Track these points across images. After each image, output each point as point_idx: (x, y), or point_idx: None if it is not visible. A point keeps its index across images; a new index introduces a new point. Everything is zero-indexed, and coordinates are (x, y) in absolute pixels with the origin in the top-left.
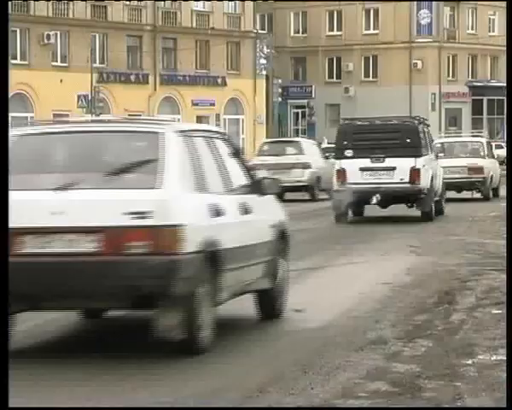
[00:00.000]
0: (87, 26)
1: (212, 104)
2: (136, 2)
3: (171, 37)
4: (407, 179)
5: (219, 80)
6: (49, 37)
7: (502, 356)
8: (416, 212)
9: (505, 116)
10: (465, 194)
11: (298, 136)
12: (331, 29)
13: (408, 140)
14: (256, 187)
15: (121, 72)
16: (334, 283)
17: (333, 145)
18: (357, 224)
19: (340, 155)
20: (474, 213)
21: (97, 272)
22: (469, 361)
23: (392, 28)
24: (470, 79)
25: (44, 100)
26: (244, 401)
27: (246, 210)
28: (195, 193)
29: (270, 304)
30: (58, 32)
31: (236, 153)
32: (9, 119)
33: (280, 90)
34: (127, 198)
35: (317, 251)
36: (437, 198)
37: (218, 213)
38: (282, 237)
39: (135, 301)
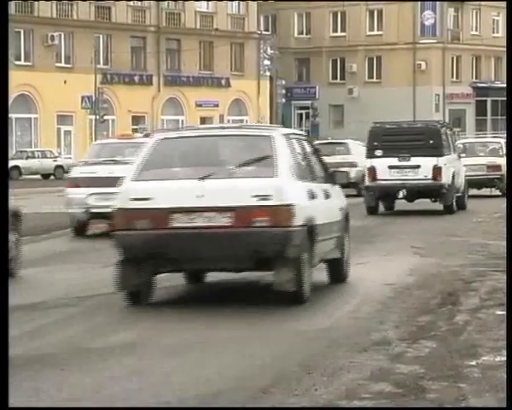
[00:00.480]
0: (91, 27)
1: (216, 105)
2: (139, 4)
3: (175, 38)
4: (430, 176)
5: (223, 81)
6: (52, 38)
7: (505, 357)
8: (439, 206)
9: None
10: (484, 191)
11: None
12: (335, 30)
13: (431, 141)
14: (330, 178)
15: (125, 73)
16: (336, 284)
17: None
18: (359, 224)
19: (370, 155)
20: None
21: (230, 240)
22: (473, 362)
23: (396, 29)
24: (474, 79)
25: (48, 101)
26: (247, 402)
27: (327, 195)
28: (298, 181)
29: (338, 271)
30: (62, 33)
31: (316, 151)
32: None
33: (284, 91)
34: (253, 185)
35: None
36: (459, 194)
37: (312, 196)
38: (346, 218)
39: (258, 263)
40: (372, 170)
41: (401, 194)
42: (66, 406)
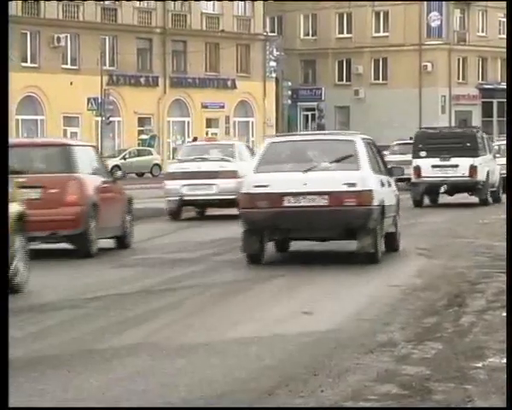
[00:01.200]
0: (97, 28)
1: (222, 107)
2: (145, 5)
3: (181, 39)
4: (467, 174)
5: (229, 83)
6: (59, 39)
7: (506, 357)
8: (475, 199)
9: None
10: None
11: None
12: (341, 31)
13: (468, 144)
14: (388, 171)
15: (131, 74)
16: (342, 285)
17: None
18: None
19: (416, 156)
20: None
21: (327, 216)
22: (479, 364)
23: (402, 30)
24: (480, 81)
25: (54, 103)
26: (252, 404)
27: (389, 184)
28: (373, 173)
29: (393, 243)
30: (68, 35)
31: (379, 150)
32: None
33: (289, 92)
34: (343, 176)
35: (324, 254)
36: (494, 189)
37: (382, 184)
38: (398, 202)
39: (346, 233)
40: (418, 168)
41: (442, 189)
42: (70, 406)
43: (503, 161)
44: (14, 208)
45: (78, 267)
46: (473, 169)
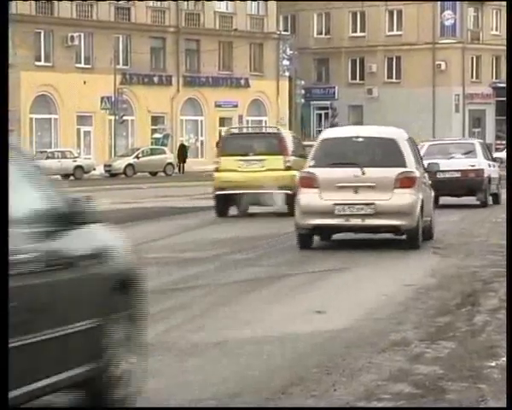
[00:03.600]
0: (111, 27)
1: (235, 106)
2: (159, 4)
3: (195, 38)
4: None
5: (242, 82)
6: (72, 38)
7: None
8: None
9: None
10: None
11: None
12: (354, 30)
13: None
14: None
15: (144, 73)
16: (355, 284)
17: None
18: None
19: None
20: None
21: (461, 183)
22: (493, 363)
23: (416, 29)
24: (494, 80)
25: (68, 101)
26: (266, 403)
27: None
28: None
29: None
30: (82, 34)
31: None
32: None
33: (303, 91)
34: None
35: (339, 252)
36: None
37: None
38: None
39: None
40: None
41: None
42: (78, 406)
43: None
44: None
45: None
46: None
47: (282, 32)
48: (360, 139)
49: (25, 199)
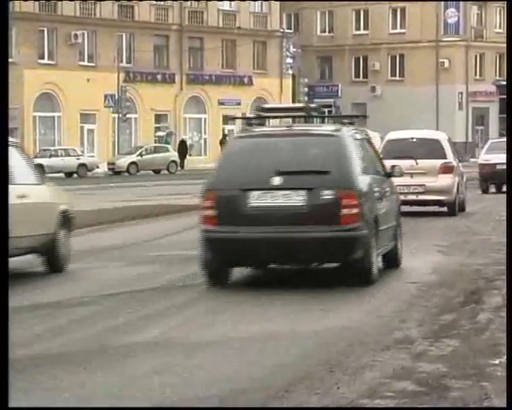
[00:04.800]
0: (114, 25)
1: (238, 104)
2: (162, 2)
3: (198, 36)
4: None
5: (245, 80)
6: (76, 36)
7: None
8: None
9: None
10: None
11: None
12: (358, 28)
13: None
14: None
15: (148, 71)
16: (359, 282)
17: None
18: None
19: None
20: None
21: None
22: (496, 361)
23: (419, 27)
24: (498, 77)
25: (71, 99)
26: (270, 401)
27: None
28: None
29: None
30: (85, 32)
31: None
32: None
33: (306, 89)
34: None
35: None
36: None
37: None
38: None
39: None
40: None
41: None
42: (82, 406)
43: None
44: None
45: (95, 264)
46: None
47: (286, 30)
48: (414, 140)
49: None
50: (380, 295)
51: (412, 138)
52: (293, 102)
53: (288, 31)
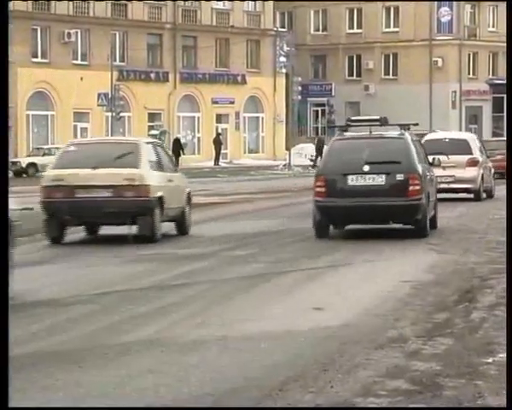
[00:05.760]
0: (107, 24)
1: (232, 102)
2: (156, 1)
3: (191, 35)
4: None
5: (239, 78)
6: (69, 35)
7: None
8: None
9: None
10: None
11: (317, 134)
12: (351, 27)
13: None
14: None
15: (141, 70)
16: (353, 281)
17: None
18: None
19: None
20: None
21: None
22: (490, 360)
23: (413, 26)
24: (491, 76)
25: (65, 98)
26: (263, 399)
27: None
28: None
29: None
30: (78, 31)
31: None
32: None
33: (300, 88)
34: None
35: (336, 248)
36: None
37: None
38: None
39: None
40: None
41: None
42: (79, 406)
43: None
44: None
45: (90, 263)
46: None
47: (279, 29)
48: (447, 139)
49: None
50: (373, 294)
51: (445, 138)
52: (287, 100)
53: (282, 29)
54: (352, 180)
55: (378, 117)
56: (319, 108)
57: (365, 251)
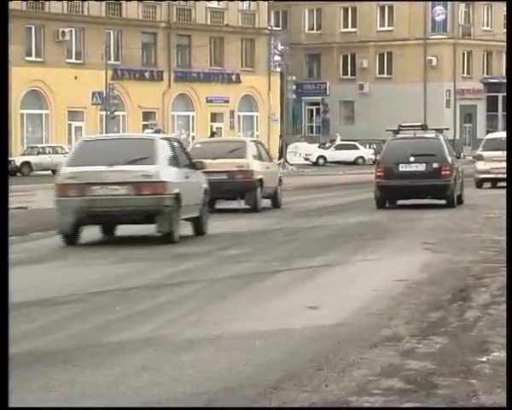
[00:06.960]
0: (102, 23)
1: (227, 101)
2: (150, 0)
3: (186, 34)
4: None
5: (233, 77)
6: (63, 34)
7: (505, 356)
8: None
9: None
10: None
11: (312, 133)
12: (346, 26)
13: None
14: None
15: (136, 69)
16: (348, 280)
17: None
18: (370, 221)
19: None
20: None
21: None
22: (484, 358)
23: (407, 25)
24: (485, 75)
25: (59, 97)
26: (258, 398)
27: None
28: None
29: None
30: (73, 29)
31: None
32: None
33: (294, 86)
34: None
35: (332, 247)
36: None
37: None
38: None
39: None
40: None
41: None
42: (75, 406)
43: None
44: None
45: (84, 262)
46: None
47: (274, 28)
48: (503, 138)
49: None
50: (367, 293)
51: (501, 138)
52: (282, 99)
53: (276, 28)
54: (402, 167)
55: (420, 123)
56: (314, 107)
57: (360, 250)
